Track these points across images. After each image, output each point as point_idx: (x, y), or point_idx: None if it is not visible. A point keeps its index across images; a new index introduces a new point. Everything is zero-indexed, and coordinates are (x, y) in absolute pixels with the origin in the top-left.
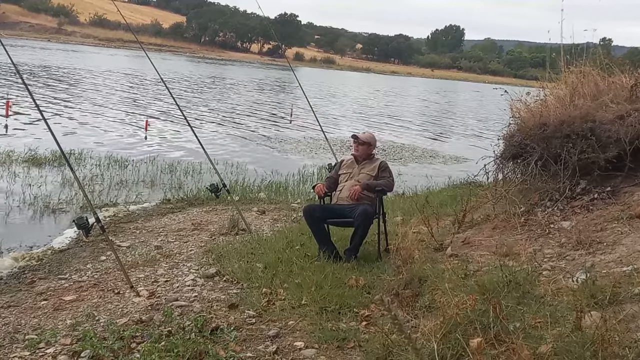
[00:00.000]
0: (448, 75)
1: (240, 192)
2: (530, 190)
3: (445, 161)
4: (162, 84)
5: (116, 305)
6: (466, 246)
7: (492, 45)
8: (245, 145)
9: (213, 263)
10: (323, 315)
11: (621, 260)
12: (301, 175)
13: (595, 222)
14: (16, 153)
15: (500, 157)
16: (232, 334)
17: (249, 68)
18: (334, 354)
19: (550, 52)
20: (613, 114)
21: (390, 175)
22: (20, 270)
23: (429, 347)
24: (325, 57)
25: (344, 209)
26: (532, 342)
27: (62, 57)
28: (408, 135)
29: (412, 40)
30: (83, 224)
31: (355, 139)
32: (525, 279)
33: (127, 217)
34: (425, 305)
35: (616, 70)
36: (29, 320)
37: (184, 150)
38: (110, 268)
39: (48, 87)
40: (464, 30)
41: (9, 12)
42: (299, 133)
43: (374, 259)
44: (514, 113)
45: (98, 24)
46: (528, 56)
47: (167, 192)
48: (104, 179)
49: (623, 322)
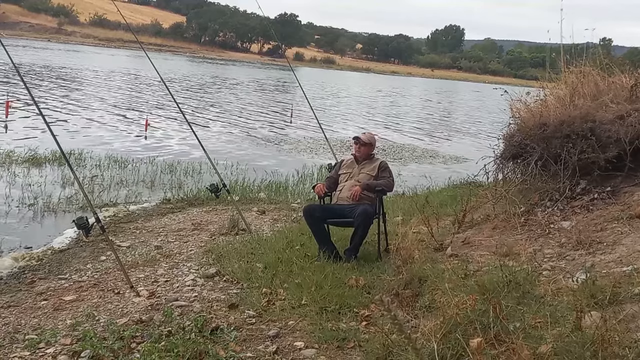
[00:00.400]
0: (448, 75)
1: (240, 192)
2: (530, 190)
3: (445, 161)
4: (162, 84)
5: (116, 305)
6: (466, 246)
7: (492, 45)
8: (246, 145)
9: (213, 263)
10: (323, 315)
11: (621, 260)
12: (301, 175)
13: (595, 222)
14: (16, 153)
15: (500, 157)
16: (232, 334)
17: (249, 68)
18: (334, 354)
19: (550, 52)
20: (613, 114)
21: (390, 175)
22: (20, 270)
23: (429, 347)
24: (325, 57)
25: (344, 209)
26: (532, 342)
27: (62, 57)
28: (408, 135)
29: (412, 40)
30: (83, 224)
31: (357, 140)
32: (525, 279)
33: (127, 217)
34: (425, 305)
35: (616, 70)
36: (29, 320)
37: (184, 150)
38: (110, 268)
39: (48, 87)
40: (464, 30)
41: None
42: (299, 133)
43: (374, 259)
44: (514, 113)
45: (98, 24)
46: (528, 56)
47: (167, 192)
48: (104, 179)
49: (623, 322)
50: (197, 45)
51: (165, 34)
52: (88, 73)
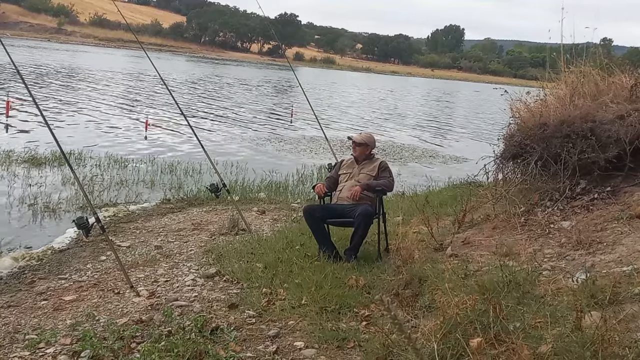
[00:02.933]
0: (448, 75)
1: (240, 192)
2: (530, 190)
3: (445, 161)
4: (162, 84)
5: (116, 305)
6: (466, 246)
7: (492, 45)
8: (246, 145)
9: (213, 263)
10: (323, 315)
11: (621, 260)
12: (301, 175)
13: (595, 222)
14: (16, 153)
15: (500, 157)
16: (232, 334)
17: (249, 68)
18: (334, 354)
19: (550, 52)
20: (613, 113)
21: (390, 175)
22: (20, 270)
23: (429, 347)
24: (325, 57)
25: (344, 208)
26: (532, 342)
27: (62, 56)
28: (408, 135)
29: (412, 40)
30: (83, 224)
31: (352, 140)
32: (525, 279)
33: (127, 217)
34: (425, 305)
35: (616, 70)
36: (29, 320)
37: (184, 150)
38: (110, 268)
39: (48, 86)
40: (464, 30)
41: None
42: (299, 133)
43: (374, 258)
44: (514, 113)
45: (98, 23)
46: (528, 56)
47: (167, 192)
48: (103, 179)
49: (623, 322)
50: (197, 45)
51: (165, 34)
52: (88, 73)
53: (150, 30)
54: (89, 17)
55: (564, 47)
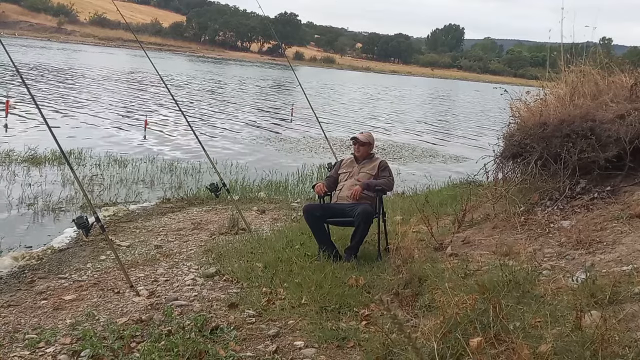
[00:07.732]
0: (448, 75)
1: (240, 191)
2: (530, 189)
3: (445, 160)
4: (162, 83)
5: (116, 304)
6: (466, 245)
7: (492, 45)
8: (245, 145)
9: (213, 262)
10: (323, 315)
11: (621, 259)
12: (301, 174)
13: (595, 221)
14: (16, 152)
15: (500, 156)
16: (232, 333)
17: (249, 67)
18: (334, 354)
19: (550, 52)
20: (613, 113)
21: (390, 174)
22: (20, 270)
23: (429, 347)
24: (325, 56)
25: (344, 208)
26: (532, 342)
27: (61, 56)
28: (408, 135)
29: (412, 40)
30: (83, 224)
31: (356, 140)
32: (525, 278)
33: (127, 217)
34: (425, 304)
35: (616, 69)
36: (28, 320)
37: (184, 150)
38: (110, 267)
39: (48, 86)
40: (464, 29)
41: (8, 12)
42: (299, 132)
43: (373, 258)
44: (514, 112)
45: (98, 23)
46: (528, 55)
47: (167, 192)
48: (103, 179)
49: (623, 322)
50: (197, 44)
51: (165, 33)
52: (88, 72)
53: (150, 30)
54: (88, 17)
55: (564, 47)
